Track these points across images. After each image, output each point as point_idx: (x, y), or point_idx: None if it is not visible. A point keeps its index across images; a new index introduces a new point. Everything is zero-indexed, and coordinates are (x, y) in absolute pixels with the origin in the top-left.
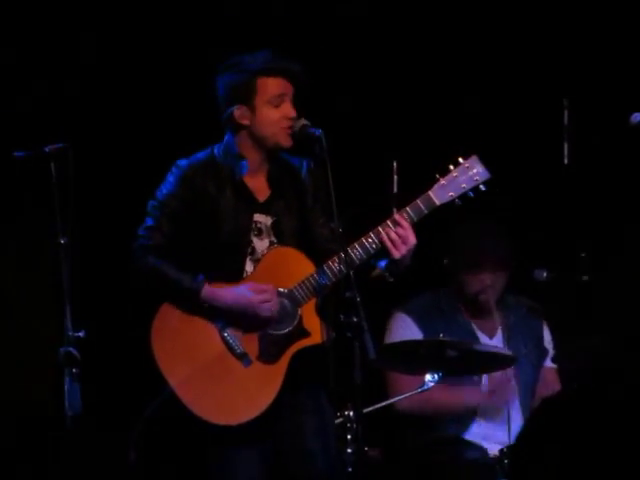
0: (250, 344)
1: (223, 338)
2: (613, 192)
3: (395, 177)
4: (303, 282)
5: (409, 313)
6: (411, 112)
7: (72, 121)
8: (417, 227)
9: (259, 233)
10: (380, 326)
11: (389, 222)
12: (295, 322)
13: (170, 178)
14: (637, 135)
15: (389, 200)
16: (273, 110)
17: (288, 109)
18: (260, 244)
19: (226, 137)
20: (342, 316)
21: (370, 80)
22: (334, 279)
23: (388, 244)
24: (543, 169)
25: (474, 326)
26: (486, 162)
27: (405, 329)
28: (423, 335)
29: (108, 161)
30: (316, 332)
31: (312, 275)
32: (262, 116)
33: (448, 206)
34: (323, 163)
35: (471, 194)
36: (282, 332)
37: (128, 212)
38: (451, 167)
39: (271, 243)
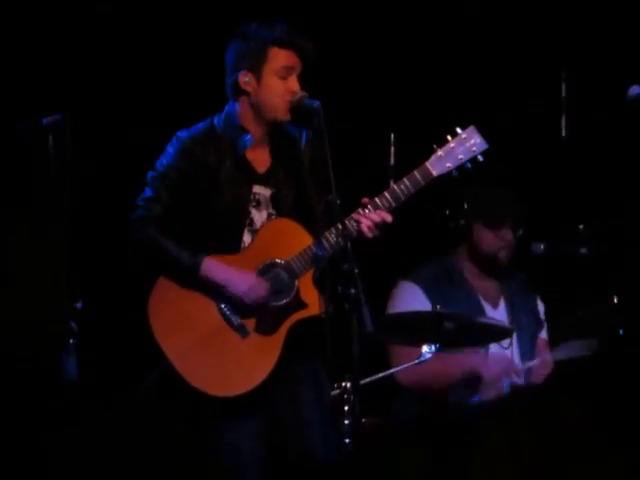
0: (247, 315)
1: (220, 310)
2: (611, 165)
3: (392, 149)
4: (300, 254)
5: (417, 282)
6: (408, 84)
7: (69, 92)
8: (419, 194)
9: (258, 205)
10: (378, 297)
11: (363, 208)
12: (292, 294)
13: (170, 149)
14: (635, 108)
15: (386, 172)
16: (278, 81)
17: (293, 83)
18: (259, 216)
19: (227, 107)
20: (340, 288)
21: (367, 52)
22: (331, 251)
23: (364, 229)
24: (541, 142)
25: (480, 296)
26: (484, 135)
27: (414, 300)
28: (431, 304)
29: (106, 132)
30: (313, 304)
31: (309, 247)
32: (267, 85)
33: (445, 177)
34: (321, 134)
35: (469, 165)
36: (279, 303)
37: (126, 183)
38: (448, 137)
39: (269, 215)
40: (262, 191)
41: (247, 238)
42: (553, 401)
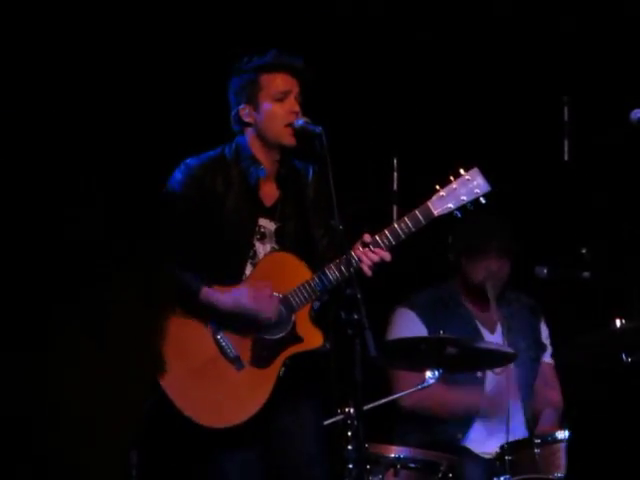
0: (243, 348)
1: (216, 341)
2: (613, 189)
3: (395, 174)
4: (299, 288)
5: (413, 308)
6: (412, 109)
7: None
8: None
9: (262, 238)
10: (381, 323)
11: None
12: (289, 328)
13: (178, 176)
14: (637, 132)
15: (389, 197)
16: (276, 105)
17: (291, 104)
18: (262, 249)
19: (237, 138)
20: (343, 313)
21: (370, 77)
22: (329, 286)
23: (365, 269)
24: (543, 166)
25: (476, 321)
26: (486, 160)
27: (409, 325)
28: (427, 330)
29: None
30: (308, 338)
31: (308, 281)
32: (265, 112)
33: (446, 217)
34: (323, 160)
35: (470, 206)
36: (275, 337)
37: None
38: (451, 178)
39: (273, 248)
40: (267, 224)
41: (249, 270)
42: None
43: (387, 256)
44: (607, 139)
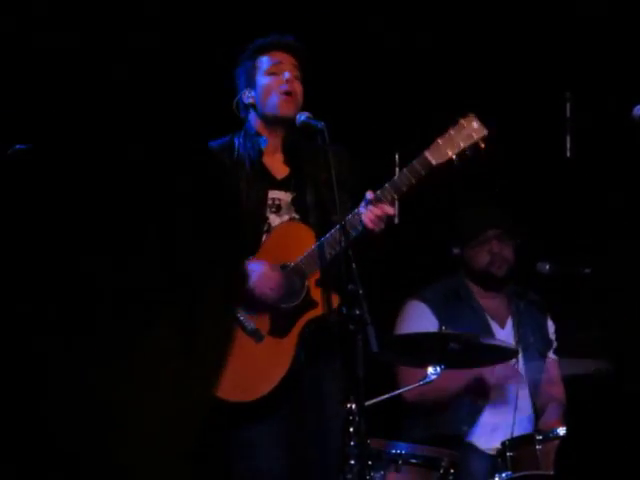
0: (261, 320)
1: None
2: (616, 185)
3: (397, 169)
4: (306, 255)
5: (425, 301)
6: (413, 105)
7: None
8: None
9: (278, 210)
10: (384, 319)
11: (365, 202)
12: (303, 295)
13: None
14: (639, 128)
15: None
16: (270, 78)
17: (284, 74)
18: (278, 220)
19: (245, 125)
20: (345, 309)
21: (372, 71)
22: (337, 247)
23: (368, 222)
24: (545, 162)
25: (487, 315)
26: (488, 155)
27: (421, 317)
28: (439, 323)
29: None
30: (323, 303)
31: (313, 248)
32: (260, 86)
33: (447, 166)
34: (325, 155)
35: (469, 153)
36: (291, 305)
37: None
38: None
39: (292, 219)
40: (282, 196)
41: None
42: None
43: (390, 210)
44: (609, 135)
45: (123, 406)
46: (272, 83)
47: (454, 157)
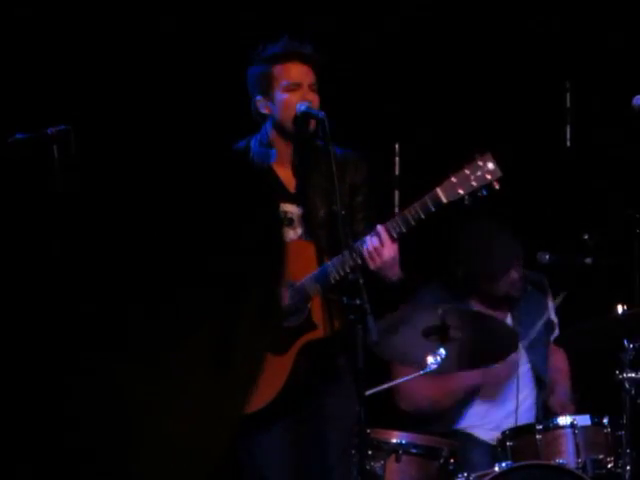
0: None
1: None
2: (615, 175)
3: (397, 159)
4: (313, 275)
5: (432, 288)
6: (413, 95)
7: (75, 103)
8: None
9: (290, 223)
10: (383, 308)
11: (373, 233)
12: (304, 315)
13: None
14: (639, 117)
15: (391, 183)
16: (290, 94)
17: (305, 93)
18: (292, 233)
19: (261, 127)
20: (345, 299)
21: (373, 61)
22: (342, 272)
23: (365, 254)
24: (545, 152)
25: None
26: (488, 146)
27: (425, 300)
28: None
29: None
30: (324, 326)
31: (321, 269)
32: (279, 102)
33: (457, 204)
34: (325, 145)
35: (484, 192)
36: (292, 324)
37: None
38: (464, 165)
39: (303, 233)
40: (293, 209)
41: None
42: None
43: (388, 249)
44: (609, 125)
45: (147, 411)
46: (293, 100)
47: (466, 197)
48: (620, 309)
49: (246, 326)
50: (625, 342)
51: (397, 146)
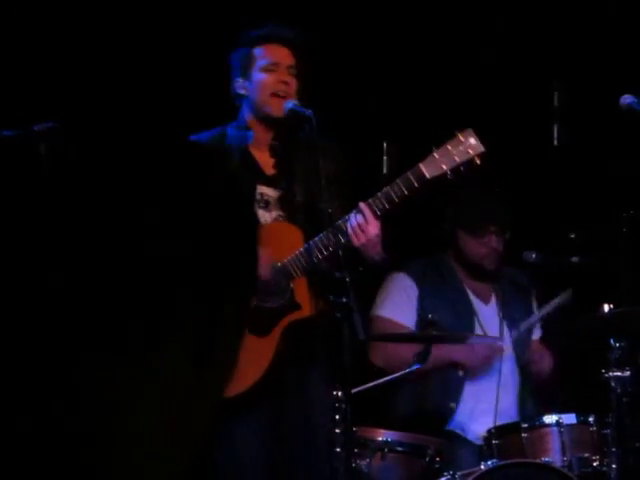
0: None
1: None
2: (603, 174)
3: (385, 158)
4: (296, 256)
5: (407, 273)
6: (402, 94)
7: (62, 100)
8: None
9: (266, 205)
10: (370, 305)
11: (357, 210)
12: (287, 295)
13: None
14: (626, 117)
15: (379, 181)
16: (266, 75)
17: (282, 74)
18: (268, 216)
19: (239, 112)
20: (331, 297)
21: (361, 60)
22: (325, 252)
23: (349, 231)
24: (533, 150)
25: (469, 292)
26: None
27: (403, 288)
28: (419, 295)
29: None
30: (306, 306)
31: (300, 251)
32: (255, 82)
33: (440, 180)
34: (313, 143)
35: (463, 168)
36: (275, 305)
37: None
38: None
39: (278, 217)
40: (270, 192)
41: None
42: None
43: (372, 226)
44: (597, 124)
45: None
46: (267, 81)
47: (448, 172)
48: (606, 308)
49: (225, 324)
50: (611, 341)
51: (385, 145)
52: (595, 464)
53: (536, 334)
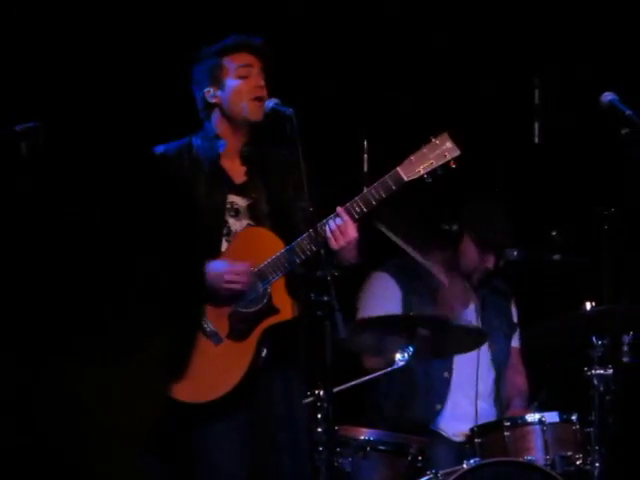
0: (220, 322)
1: None
2: (583, 171)
3: (365, 156)
4: (272, 260)
5: (387, 271)
6: (381, 92)
7: (44, 99)
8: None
9: (236, 214)
10: (351, 304)
11: (334, 214)
12: (265, 300)
13: None
14: (607, 114)
15: (359, 180)
16: (240, 81)
17: (255, 79)
18: (238, 225)
19: (204, 125)
20: (313, 295)
21: (340, 58)
22: (303, 257)
23: (328, 234)
24: (513, 148)
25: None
26: (456, 141)
27: (384, 287)
28: (401, 293)
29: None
30: (285, 309)
31: (281, 253)
32: (230, 88)
33: (418, 182)
34: (294, 142)
35: (440, 171)
36: (251, 310)
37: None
38: (422, 145)
39: (248, 224)
40: (239, 201)
41: (225, 247)
42: None
43: (351, 231)
44: (578, 122)
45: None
46: (243, 87)
47: (425, 175)
48: (588, 306)
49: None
50: (593, 339)
51: (365, 143)
52: (578, 462)
53: (515, 340)
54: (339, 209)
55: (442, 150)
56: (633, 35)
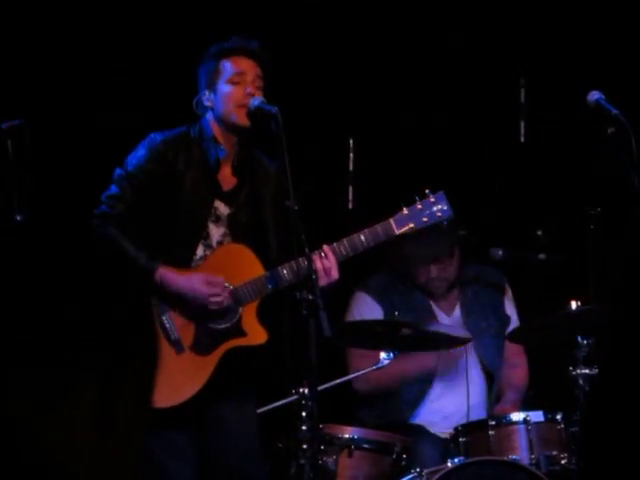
0: (186, 332)
1: (160, 322)
2: (569, 170)
3: (351, 154)
4: (250, 282)
5: (368, 291)
6: (367, 91)
7: (29, 97)
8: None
9: (217, 220)
10: (338, 304)
11: (320, 251)
12: (234, 320)
13: (141, 150)
14: (593, 113)
15: (345, 178)
16: (231, 87)
17: (248, 86)
18: (216, 231)
19: (201, 120)
20: (298, 294)
21: (326, 57)
22: (281, 286)
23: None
24: (499, 147)
25: (432, 304)
26: (442, 141)
27: (365, 307)
28: (384, 312)
29: (67, 138)
30: (252, 334)
31: (260, 277)
32: (221, 94)
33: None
34: (279, 140)
35: (429, 227)
36: (219, 327)
37: (86, 189)
38: (417, 199)
39: (224, 234)
40: (222, 208)
41: (200, 251)
42: None
43: (333, 272)
44: (563, 121)
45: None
46: (232, 93)
47: (415, 230)
48: (574, 305)
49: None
50: (579, 338)
51: (351, 141)
52: (563, 462)
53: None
54: (325, 248)
55: (436, 209)
56: (619, 35)
